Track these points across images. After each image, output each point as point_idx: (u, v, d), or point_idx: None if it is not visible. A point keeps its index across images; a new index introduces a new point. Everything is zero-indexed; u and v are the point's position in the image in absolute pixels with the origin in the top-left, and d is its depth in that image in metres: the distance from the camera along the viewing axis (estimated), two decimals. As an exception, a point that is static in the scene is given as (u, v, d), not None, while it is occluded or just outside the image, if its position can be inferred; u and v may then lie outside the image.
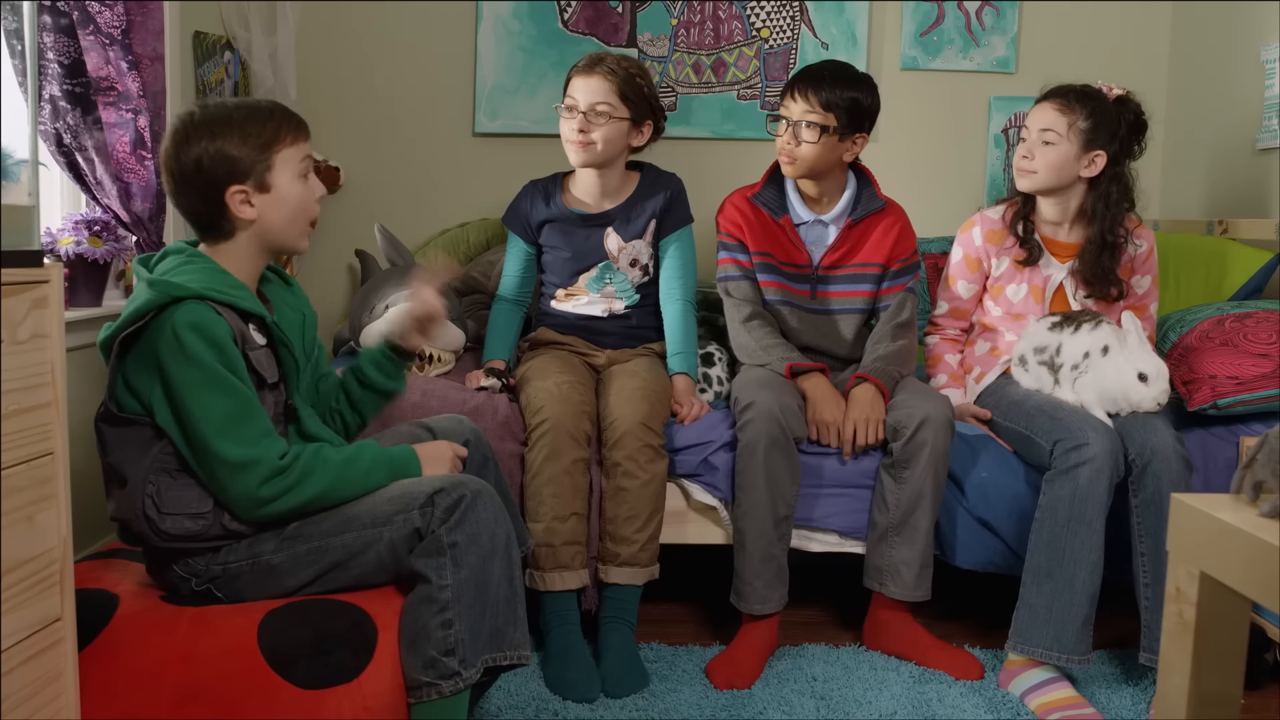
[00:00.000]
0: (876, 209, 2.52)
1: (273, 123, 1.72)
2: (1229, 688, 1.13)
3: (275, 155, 1.72)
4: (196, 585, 1.71)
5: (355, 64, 3.39)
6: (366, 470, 1.73)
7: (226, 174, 1.68)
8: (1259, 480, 1.13)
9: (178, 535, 1.66)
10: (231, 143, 1.68)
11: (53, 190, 2.52)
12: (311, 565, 1.69)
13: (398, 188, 3.42)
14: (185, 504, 1.66)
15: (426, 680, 1.62)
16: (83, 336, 2.24)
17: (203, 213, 1.72)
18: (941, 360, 2.58)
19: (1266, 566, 1.02)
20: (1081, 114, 2.37)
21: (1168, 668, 1.17)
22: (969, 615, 2.59)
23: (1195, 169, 3.35)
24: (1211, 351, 2.40)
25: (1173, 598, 1.16)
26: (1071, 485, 2.13)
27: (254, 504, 1.65)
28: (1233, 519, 1.08)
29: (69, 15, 2.15)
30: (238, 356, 1.65)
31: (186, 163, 1.69)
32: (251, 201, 1.71)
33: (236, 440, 1.62)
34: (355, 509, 1.70)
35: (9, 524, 1.34)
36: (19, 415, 1.36)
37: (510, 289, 2.62)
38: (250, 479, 1.63)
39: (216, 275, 1.69)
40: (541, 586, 2.23)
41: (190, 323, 1.60)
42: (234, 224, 1.73)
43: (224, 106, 1.71)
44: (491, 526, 1.68)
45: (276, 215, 1.73)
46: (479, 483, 1.71)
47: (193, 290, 1.62)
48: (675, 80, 3.41)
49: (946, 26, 3.42)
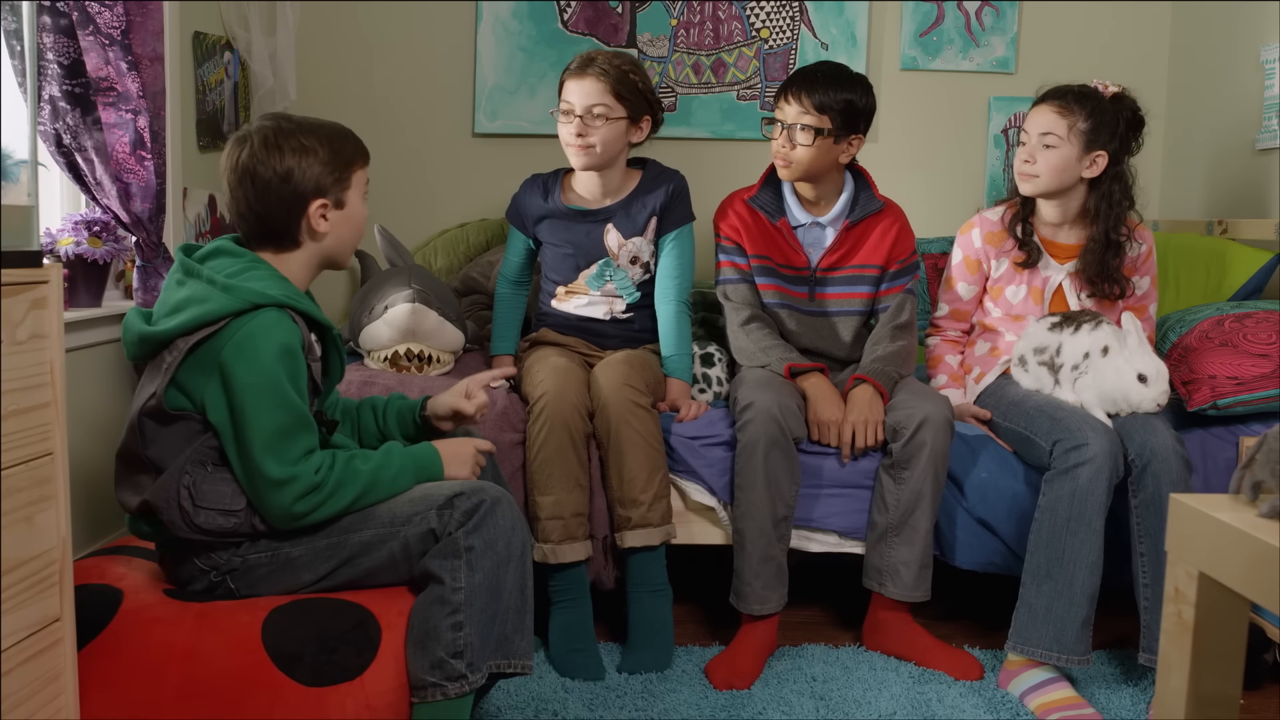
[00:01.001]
0: (874, 210, 2.51)
1: (351, 143, 1.81)
2: (1228, 688, 1.13)
3: (353, 175, 1.79)
4: (215, 577, 1.72)
5: (355, 64, 3.39)
6: (394, 476, 1.75)
7: (315, 187, 1.74)
8: (1258, 480, 1.13)
9: (209, 530, 1.68)
10: (322, 158, 1.74)
11: (53, 191, 2.52)
12: (329, 560, 1.71)
13: (398, 188, 3.43)
14: (220, 499, 1.68)
15: (432, 681, 1.63)
16: (82, 337, 2.25)
17: (280, 222, 1.75)
18: (942, 361, 2.58)
19: (1265, 567, 1.02)
20: (1081, 115, 2.37)
21: (1166, 668, 1.17)
22: (970, 616, 2.59)
23: (1195, 169, 3.35)
24: (1211, 352, 2.40)
25: (1171, 598, 1.16)
26: (1071, 485, 2.13)
27: (289, 519, 1.67)
28: (1232, 519, 1.08)
29: (69, 16, 2.15)
30: (304, 367, 1.69)
31: (277, 170, 1.72)
32: (328, 216, 1.76)
33: (280, 458, 1.64)
34: (376, 507, 1.72)
35: (8, 524, 1.34)
36: (18, 416, 1.36)
37: (512, 271, 2.65)
38: (287, 495, 1.65)
39: (288, 284, 1.73)
40: (553, 559, 2.24)
41: (269, 331, 1.63)
42: (304, 236, 1.77)
43: (310, 122, 1.78)
44: (509, 534, 1.69)
45: (344, 231, 1.80)
46: (499, 489, 1.73)
47: (274, 298, 1.65)
48: (675, 80, 3.42)
49: (946, 27, 3.42)
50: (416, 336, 2.49)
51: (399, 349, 2.50)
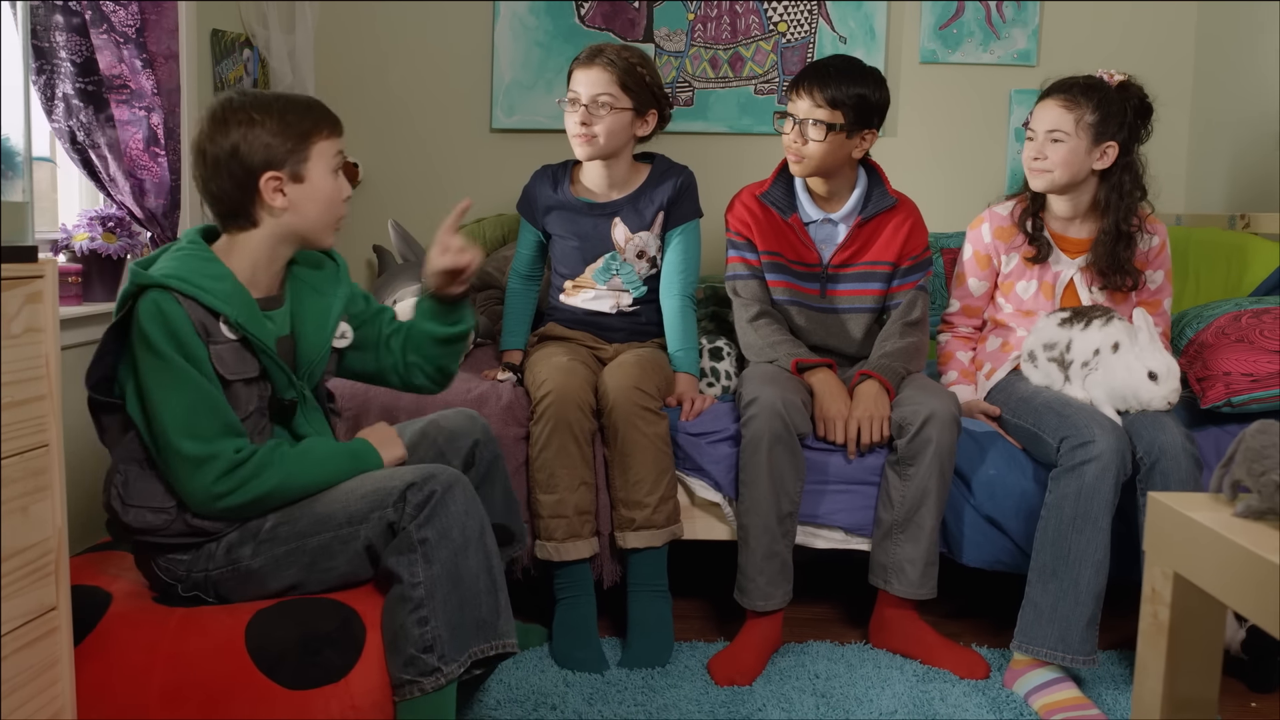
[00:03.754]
0: (887, 206, 2.49)
1: (311, 115, 1.74)
2: (1204, 691, 1.11)
3: (312, 147, 1.73)
4: (183, 591, 1.72)
5: (373, 61, 3.42)
6: (322, 459, 1.73)
7: (264, 160, 1.69)
8: (1236, 480, 1.11)
9: (139, 528, 1.68)
10: (270, 130, 1.69)
11: (71, 187, 2.56)
12: (291, 567, 1.70)
13: (416, 183, 3.45)
14: (149, 497, 1.67)
15: (408, 678, 1.62)
16: (95, 331, 2.28)
17: (234, 198, 1.71)
18: (953, 357, 2.56)
19: (1236, 569, 1.00)
20: (1088, 108, 2.33)
21: (1143, 670, 1.16)
22: (981, 614, 2.56)
23: (1219, 163, 3.29)
24: (1227, 348, 2.36)
25: (1148, 598, 1.14)
26: (1077, 483, 2.10)
27: (209, 499, 1.65)
28: (1205, 519, 1.06)
29: (81, 15, 2.18)
30: (198, 347, 1.63)
31: (224, 146, 1.69)
32: (284, 190, 1.71)
33: (194, 436, 1.62)
34: (330, 508, 1.70)
35: (4, 514, 1.37)
36: (13, 408, 1.39)
37: (523, 265, 2.66)
38: (206, 474, 1.63)
39: (197, 265, 1.68)
40: (557, 557, 2.25)
41: (150, 312, 1.61)
42: (262, 212, 1.72)
43: (263, 95, 1.73)
44: (462, 519, 1.66)
45: (308, 207, 1.74)
46: (452, 474, 1.69)
47: (154, 279, 1.62)
48: (692, 75, 3.41)
49: (966, 19, 3.38)
50: (424, 331, 2.51)
51: (407, 343, 2.52)
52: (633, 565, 2.30)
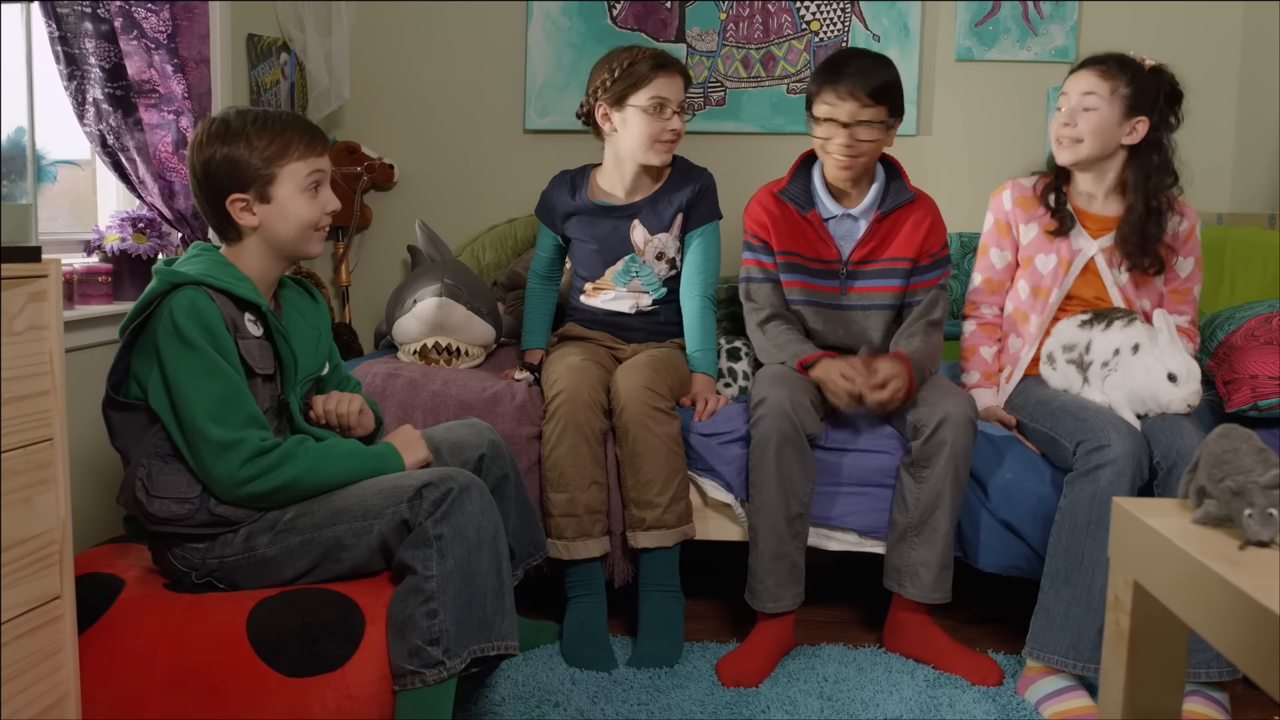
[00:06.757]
0: (905, 201, 2.46)
1: (283, 137, 1.79)
2: (1166, 700, 1.09)
3: (280, 169, 1.79)
4: (197, 579, 1.78)
5: (408, 63, 3.47)
6: (345, 455, 1.78)
7: (229, 182, 1.78)
8: (1200, 486, 1.09)
9: (164, 518, 1.73)
10: (238, 152, 1.77)
11: (109, 189, 2.64)
12: (305, 556, 1.75)
13: (449, 184, 3.49)
14: (174, 488, 1.73)
15: (411, 668, 1.66)
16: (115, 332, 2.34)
17: (210, 214, 1.83)
18: (976, 353, 2.51)
19: (1187, 578, 0.98)
20: (1122, 79, 2.32)
21: (1107, 679, 1.13)
22: (1000, 620, 2.52)
23: (1263, 161, 3.19)
24: (1255, 350, 2.30)
25: (1111, 605, 1.12)
26: (1092, 487, 2.06)
27: (234, 484, 1.71)
28: (1161, 526, 1.04)
29: (110, 21, 2.25)
30: (228, 340, 1.72)
31: (197, 165, 1.79)
32: (253, 210, 1.79)
33: (223, 422, 1.69)
34: (346, 502, 1.75)
35: (6, 505, 1.42)
36: (15, 403, 1.44)
37: (542, 266, 2.70)
38: (233, 459, 1.69)
39: (220, 266, 1.77)
40: (567, 555, 2.27)
41: (184, 306, 1.68)
42: (240, 228, 1.82)
43: (244, 116, 1.79)
44: (478, 519, 1.71)
45: (279, 225, 1.82)
46: (467, 476, 1.75)
47: (189, 276, 1.71)
48: (724, 75, 3.40)
49: (1003, 16, 3.33)
50: (444, 330, 2.55)
51: (427, 341, 2.56)
52: (644, 565, 2.31)
